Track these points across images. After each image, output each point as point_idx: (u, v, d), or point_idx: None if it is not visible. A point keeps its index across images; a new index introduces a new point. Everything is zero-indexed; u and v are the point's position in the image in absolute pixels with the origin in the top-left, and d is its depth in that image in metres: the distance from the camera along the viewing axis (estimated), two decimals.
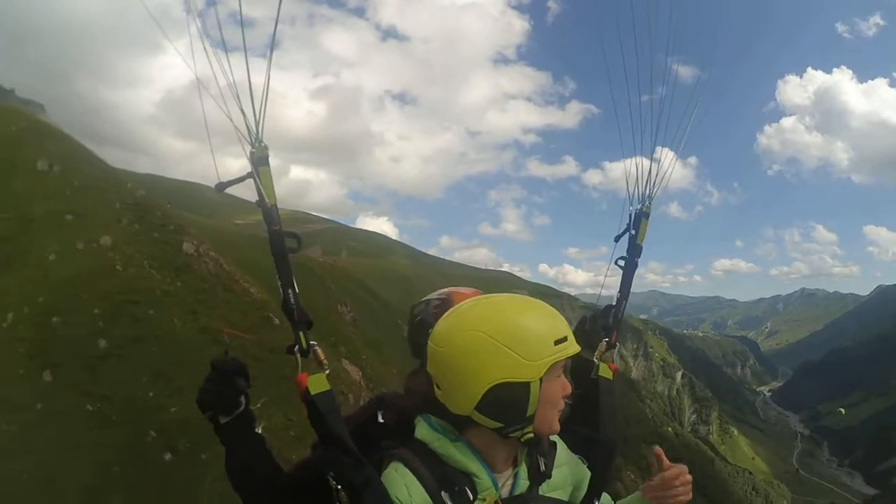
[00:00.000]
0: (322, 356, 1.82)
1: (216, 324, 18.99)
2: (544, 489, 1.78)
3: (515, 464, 1.78)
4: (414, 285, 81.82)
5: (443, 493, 1.62)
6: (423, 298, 2.32)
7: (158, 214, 24.65)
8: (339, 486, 1.64)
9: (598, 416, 2.12)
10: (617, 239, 2.43)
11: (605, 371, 2.22)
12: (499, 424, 1.63)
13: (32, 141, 25.66)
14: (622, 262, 2.45)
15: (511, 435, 1.66)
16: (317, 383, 1.73)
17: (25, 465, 13.14)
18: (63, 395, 15.43)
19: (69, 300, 18.31)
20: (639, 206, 2.42)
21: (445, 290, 2.25)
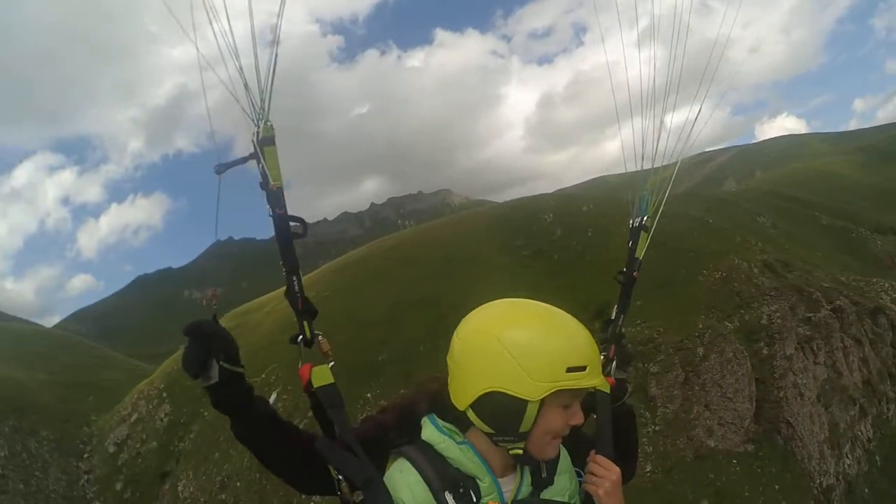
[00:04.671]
0: (326, 347, 1.78)
1: None
2: (546, 495, 1.75)
3: (519, 469, 1.75)
4: (834, 172, 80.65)
5: (446, 493, 1.60)
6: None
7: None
8: (341, 477, 1.64)
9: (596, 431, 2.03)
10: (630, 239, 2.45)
11: (602, 384, 2.08)
12: (490, 430, 1.63)
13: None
14: (621, 277, 2.44)
15: (500, 444, 1.65)
16: (320, 375, 1.71)
17: None
18: None
19: None
20: (639, 220, 2.44)
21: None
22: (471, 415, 1.63)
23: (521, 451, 1.64)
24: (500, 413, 1.59)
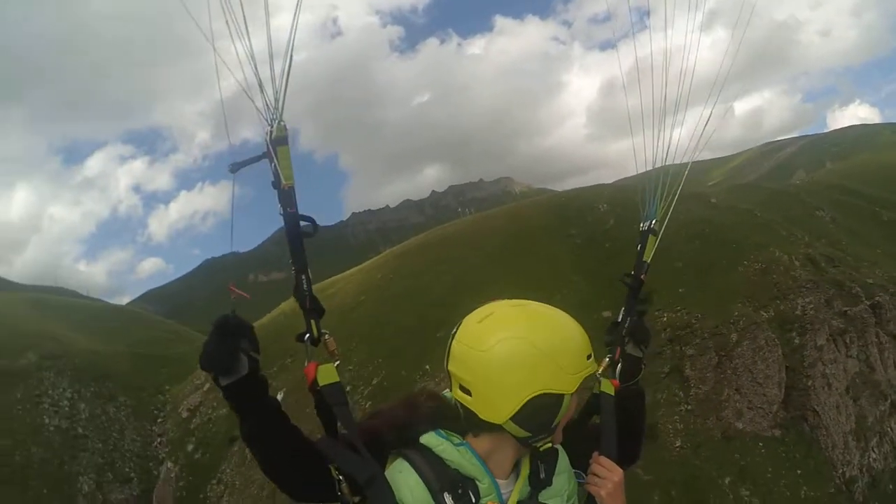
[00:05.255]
0: (333, 346, 1.78)
1: None
2: (544, 496, 1.78)
3: (516, 470, 1.78)
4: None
5: (445, 494, 1.61)
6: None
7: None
8: (342, 478, 1.64)
9: (600, 432, 2.03)
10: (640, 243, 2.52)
11: (606, 387, 2.15)
12: (527, 434, 1.66)
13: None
14: (628, 279, 2.43)
15: (533, 444, 1.69)
16: (326, 374, 1.71)
17: None
18: None
19: None
20: (647, 224, 2.47)
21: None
22: (509, 425, 1.64)
23: (551, 444, 1.73)
24: (542, 413, 1.64)
